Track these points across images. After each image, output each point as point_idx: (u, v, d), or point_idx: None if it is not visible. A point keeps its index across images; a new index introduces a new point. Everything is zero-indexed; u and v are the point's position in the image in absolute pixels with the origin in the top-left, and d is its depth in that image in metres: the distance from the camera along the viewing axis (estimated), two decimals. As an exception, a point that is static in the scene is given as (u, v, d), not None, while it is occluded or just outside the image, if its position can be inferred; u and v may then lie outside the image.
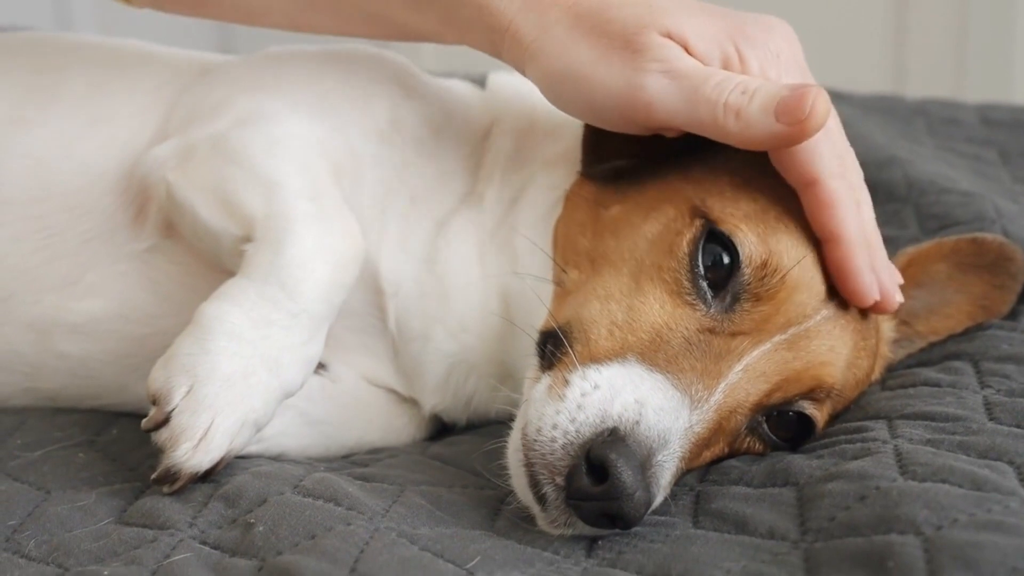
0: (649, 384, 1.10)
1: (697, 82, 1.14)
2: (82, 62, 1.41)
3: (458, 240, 1.31)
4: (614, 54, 1.17)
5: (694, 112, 1.15)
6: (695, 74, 1.15)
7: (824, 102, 1.12)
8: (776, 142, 1.14)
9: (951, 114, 2.16)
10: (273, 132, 1.26)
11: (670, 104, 1.15)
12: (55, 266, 1.30)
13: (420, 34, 1.31)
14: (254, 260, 1.18)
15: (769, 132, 1.13)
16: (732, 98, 1.13)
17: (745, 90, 1.13)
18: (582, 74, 1.18)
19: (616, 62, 1.17)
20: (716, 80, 1.14)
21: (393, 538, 1.05)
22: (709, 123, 1.15)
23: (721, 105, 1.13)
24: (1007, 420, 1.17)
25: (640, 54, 1.16)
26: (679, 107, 1.15)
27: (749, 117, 1.13)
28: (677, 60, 1.15)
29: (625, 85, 1.16)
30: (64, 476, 1.19)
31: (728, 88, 1.14)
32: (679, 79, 1.15)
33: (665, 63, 1.15)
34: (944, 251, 1.38)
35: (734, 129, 1.14)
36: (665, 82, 1.15)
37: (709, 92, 1.14)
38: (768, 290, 1.17)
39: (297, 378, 1.17)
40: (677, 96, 1.15)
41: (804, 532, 1.04)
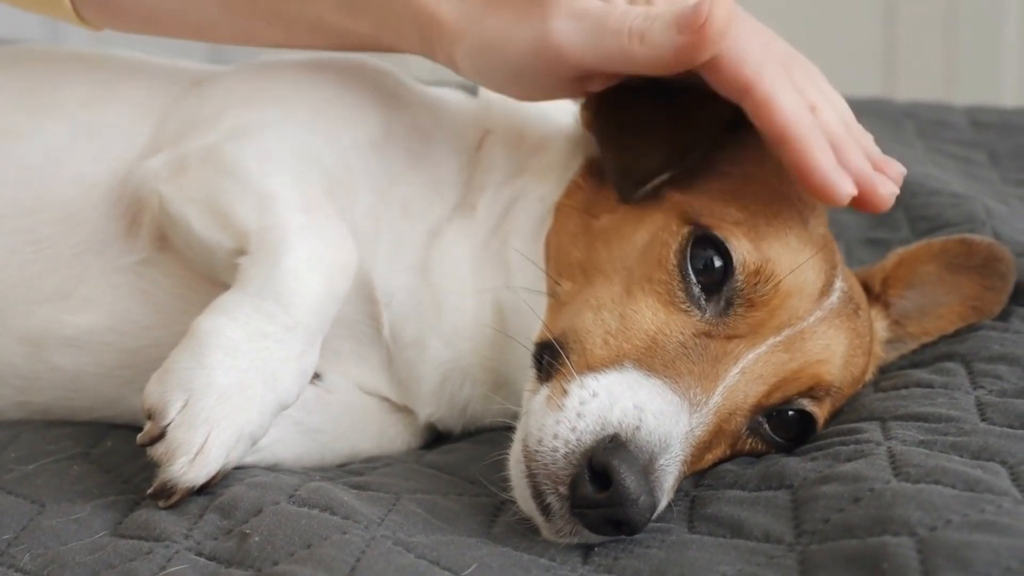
0: (647, 389, 1.11)
1: (600, 16, 1.16)
2: (74, 74, 1.41)
3: (451, 250, 1.31)
4: (522, 14, 1.19)
5: (601, 46, 1.16)
6: (597, 10, 1.17)
7: (722, 6, 1.11)
8: (684, 57, 1.14)
9: (940, 116, 2.16)
10: (266, 144, 1.26)
11: (578, 44, 1.17)
12: (48, 279, 1.29)
13: (360, 40, 1.32)
14: (248, 273, 1.18)
15: (673, 48, 1.13)
16: (635, 23, 1.15)
17: (647, 15, 1.15)
18: (497, 40, 1.20)
19: (524, 20, 1.18)
20: (619, 11, 1.16)
21: (389, 546, 1.05)
22: (617, 53, 1.16)
23: (625, 32, 1.15)
24: (999, 420, 1.18)
25: (543, 5, 1.17)
26: (587, 44, 1.17)
27: (653, 39, 1.14)
28: (578, 2, 1.17)
29: (534, 38, 1.18)
30: (58, 489, 1.19)
31: (631, 15, 1.15)
32: (583, 19, 1.17)
33: (567, 6, 1.17)
34: (933, 252, 1.38)
35: (640, 53, 1.15)
36: (571, 24, 1.17)
37: (612, 22, 1.15)
38: (762, 296, 1.17)
39: (293, 390, 1.17)
40: (583, 35, 1.17)
41: (799, 535, 1.04)
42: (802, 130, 1.14)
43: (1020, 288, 1.40)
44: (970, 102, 2.36)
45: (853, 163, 1.17)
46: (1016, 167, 1.95)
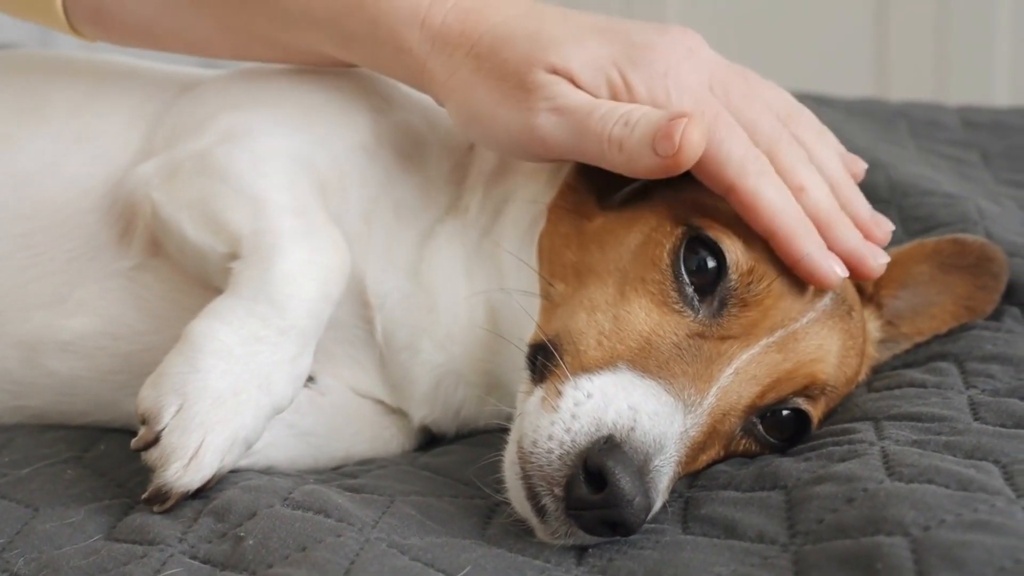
0: (642, 390, 1.11)
1: (582, 116, 1.17)
2: (66, 79, 1.41)
3: (443, 252, 1.31)
4: (509, 94, 1.20)
5: (582, 145, 1.18)
6: (580, 108, 1.18)
7: (695, 130, 1.13)
8: (661, 172, 1.16)
9: (933, 116, 2.17)
10: (258, 148, 1.26)
11: (561, 139, 1.19)
12: (42, 284, 1.29)
13: (354, 65, 1.35)
14: (242, 277, 1.18)
15: (651, 164, 1.15)
16: (615, 131, 1.16)
17: (627, 121, 1.16)
18: (485, 115, 1.22)
19: (512, 103, 1.20)
20: (600, 113, 1.17)
21: (384, 548, 1.05)
22: (597, 155, 1.18)
23: (605, 138, 1.16)
24: (992, 420, 1.18)
25: (531, 94, 1.19)
26: (569, 141, 1.18)
27: (631, 150, 1.15)
28: (563, 96, 1.18)
29: (520, 125, 1.20)
30: (52, 493, 1.19)
31: (611, 120, 1.16)
32: (566, 115, 1.18)
33: (552, 100, 1.18)
34: (926, 252, 1.39)
35: (619, 161, 1.17)
36: (554, 119, 1.18)
37: (594, 125, 1.17)
38: (755, 296, 1.17)
39: (287, 394, 1.17)
40: (566, 131, 1.18)
41: (793, 535, 1.04)
42: (787, 224, 1.17)
43: (1013, 288, 1.40)
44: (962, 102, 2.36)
45: (841, 242, 1.20)
46: (1008, 167, 1.96)
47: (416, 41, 1.25)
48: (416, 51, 1.25)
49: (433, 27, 1.24)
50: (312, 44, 1.32)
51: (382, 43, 1.27)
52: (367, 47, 1.28)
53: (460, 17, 1.24)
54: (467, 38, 1.23)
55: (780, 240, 1.17)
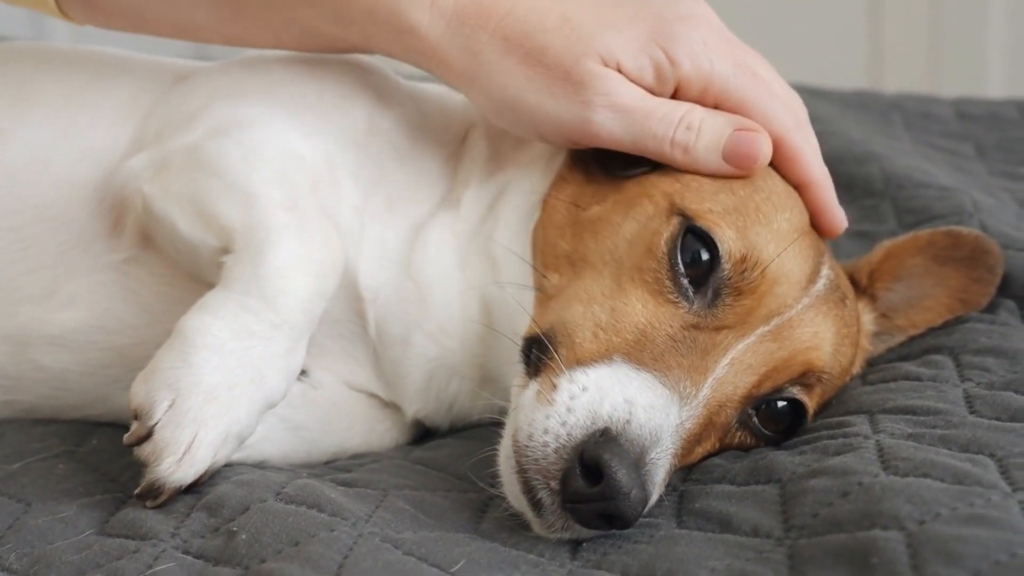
0: (637, 383, 1.11)
1: (641, 117, 1.20)
2: (57, 72, 1.40)
3: (436, 245, 1.30)
4: (556, 86, 1.21)
5: (641, 145, 1.22)
6: (639, 108, 1.20)
7: (767, 145, 1.22)
8: (723, 175, 1.22)
9: (927, 109, 2.17)
10: (249, 141, 1.26)
11: (618, 136, 1.21)
12: (32, 278, 1.29)
13: (350, 46, 1.33)
14: (234, 272, 1.17)
15: (716, 169, 1.22)
16: (679, 135, 1.21)
17: (690, 125, 1.21)
18: (527, 105, 1.23)
19: (560, 94, 1.21)
20: (659, 115, 1.20)
21: (377, 543, 1.05)
22: (656, 155, 1.22)
23: (668, 142, 1.21)
24: (987, 413, 1.18)
25: (583, 87, 1.20)
26: (626, 140, 1.22)
27: (696, 155, 1.21)
28: (619, 94, 1.20)
29: (573, 119, 1.21)
30: (44, 488, 1.18)
31: (673, 124, 1.20)
32: (624, 113, 1.20)
33: (608, 97, 1.20)
34: (920, 244, 1.38)
35: (682, 162, 1.22)
36: (611, 116, 1.20)
37: (655, 128, 1.21)
38: (749, 284, 1.17)
39: (280, 388, 1.17)
40: (624, 130, 1.21)
41: (788, 529, 1.04)
42: (822, 175, 1.28)
43: (1008, 280, 1.40)
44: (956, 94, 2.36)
45: None
46: (1002, 159, 1.96)
47: (425, 22, 1.24)
48: (425, 32, 1.24)
49: (446, 8, 1.23)
50: (306, 23, 1.30)
51: (381, 23, 1.26)
52: (365, 26, 1.27)
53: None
54: (487, 19, 1.23)
55: (817, 189, 1.27)
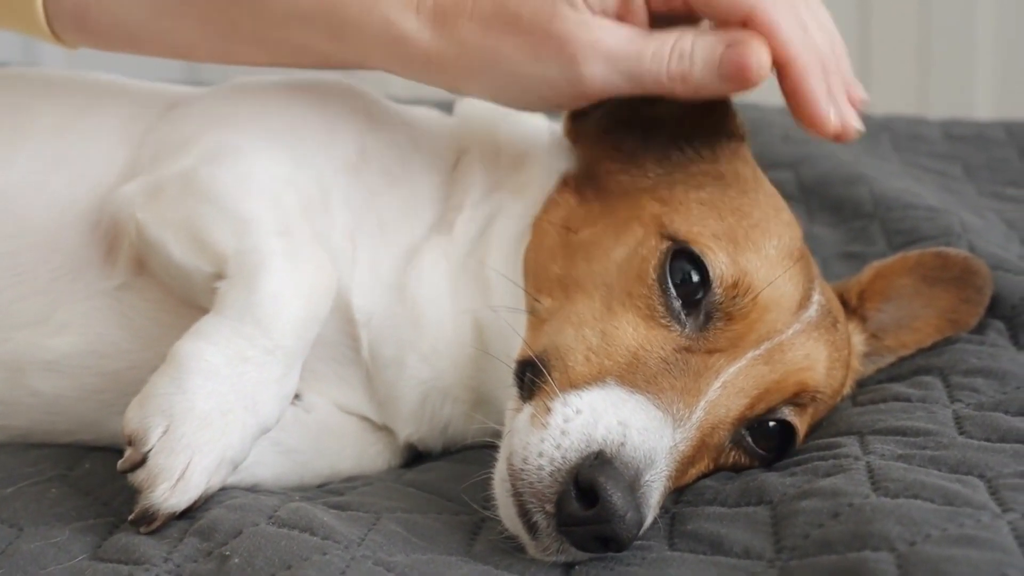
0: (631, 405, 1.11)
1: (634, 59, 1.18)
2: (50, 98, 1.40)
3: (429, 269, 1.31)
4: (541, 49, 1.20)
5: (640, 86, 1.20)
6: (629, 50, 1.18)
7: (765, 54, 1.15)
8: (725, 92, 1.20)
9: (916, 130, 2.18)
10: (242, 167, 1.26)
11: (613, 84, 1.20)
12: (27, 303, 1.29)
13: (346, 63, 1.33)
14: (227, 297, 1.17)
15: (720, 90, 1.18)
16: (673, 66, 1.18)
17: (682, 53, 1.17)
18: (521, 77, 1.22)
19: (548, 56, 1.20)
20: (651, 52, 1.18)
21: (370, 566, 1.04)
22: (654, 90, 1.20)
23: (665, 75, 1.18)
24: (976, 434, 1.18)
25: (566, 43, 1.19)
26: (622, 84, 1.20)
27: (695, 80, 1.18)
28: (604, 41, 1.18)
29: (566, 79, 1.20)
30: (37, 512, 1.18)
31: (665, 58, 1.18)
32: (615, 60, 1.19)
33: (594, 47, 1.18)
34: (909, 265, 1.39)
35: (683, 92, 1.19)
36: (603, 66, 1.19)
37: (648, 66, 1.18)
38: (740, 310, 1.18)
39: (274, 413, 1.17)
40: (618, 76, 1.19)
41: (779, 550, 1.05)
42: (802, 57, 1.18)
43: (996, 301, 1.41)
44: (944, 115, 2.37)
45: (835, 94, 1.20)
46: (990, 179, 1.97)
47: (414, 29, 1.24)
48: (416, 39, 1.24)
49: (427, 7, 1.23)
50: (301, 41, 1.30)
51: (375, 35, 1.26)
52: (359, 39, 1.27)
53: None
54: (463, 5, 1.22)
55: (793, 74, 1.18)
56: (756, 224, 1.22)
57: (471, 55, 1.23)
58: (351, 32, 1.27)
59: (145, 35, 1.37)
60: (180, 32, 1.34)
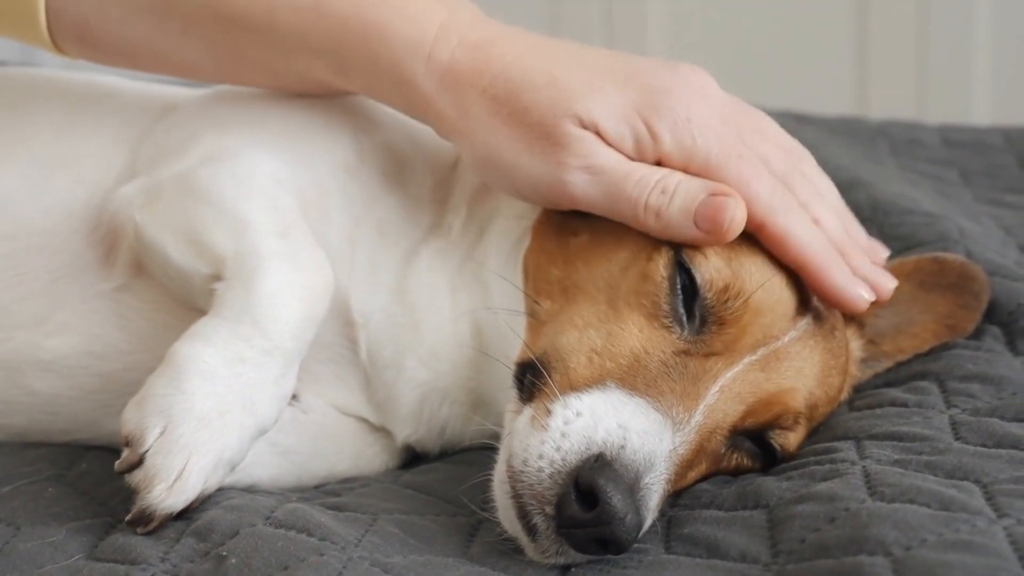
0: (631, 408, 1.11)
1: (617, 180, 1.19)
2: (49, 100, 1.40)
3: (427, 271, 1.31)
4: (535, 145, 1.21)
5: (616, 208, 1.20)
6: (615, 171, 1.19)
7: (741, 211, 1.17)
8: (697, 243, 1.19)
9: (913, 135, 2.18)
10: (240, 169, 1.26)
11: (593, 199, 1.20)
12: (25, 304, 1.29)
13: (350, 92, 1.35)
14: (225, 299, 1.17)
15: (689, 235, 1.18)
16: (652, 199, 1.18)
17: (664, 189, 1.18)
18: (506, 163, 1.22)
19: (538, 154, 1.21)
20: (635, 179, 1.19)
21: (367, 567, 1.04)
22: (630, 219, 1.20)
23: (642, 205, 1.18)
24: (973, 440, 1.18)
25: (560, 149, 1.20)
26: (601, 202, 1.20)
27: (669, 219, 1.18)
28: (595, 156, 1.19)
29: (549, 179, 1.20)
30: (33, 511, 1.18)
31: (648, 188, 1.18)
32: (599, 175, 1.19)
33: (585, 159, 1.19)
34: (906, 270, 1.39)
35: (655, 227, 1.19)
36: (587, 178, 1.19)
37: (630, 191, 1.19)
38: (732, 314, 1.18)
39: (271, 415, 1.17)
40: (599, 192, 1.20)
41: (775, 554, 1.05)
42: (819, 257, 1.21)
43: (993, 307, 1.41)
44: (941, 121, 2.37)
45: (858, 269, 1.24)
46: (988, 185, 1.96)
47: (421, 75, 1.25)
48: (420, 85, 1.25)
49: (441, 63, 1.24)
50: (307, 71, 1.31)
51: (382, 75, 1.27)
52: (366, 77, 1.28)
53: (469, 54, 1.24)
54: (479, 77, 1.23)
55: (812, 272, 1.21)
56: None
57: (469, 125, 1.24)
58: (360, 67, 1.28)
59: (146, 53, 1.37)
60: (183, 53, 1.35)
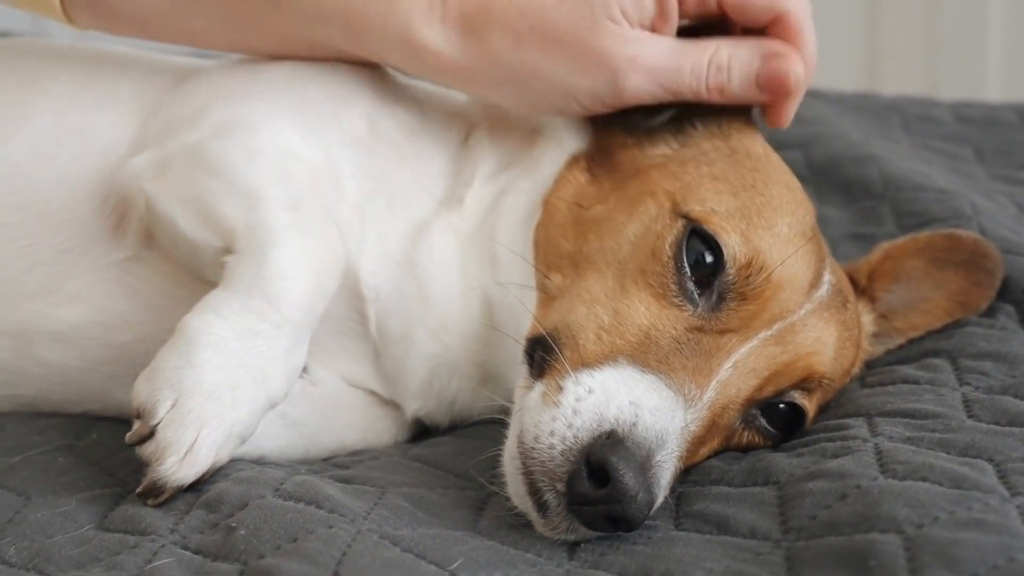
0: (643, 385, 1.11)
1: (673, 73, 1.23)
2: (60, 70, 1.40)
3: (438, 244, 1.31)
4: (581, 61, 1.23)
5: (680, 96, 1.24)
6: (668, 65, 1.22)
7: (801, 66, 1.23)
8: (761, 102, 1.25)
9: (926, 112, 2.17)
10: (251, 141, 1.26)
11: (653, 94, 1.24)
12: (35, 274, 1.29)
13: (363, 60, 1.35)
14: (236, 271, 1.17)
15: (755, 98, 1.25)
16: (711, 81, 1.23)
17: (719, 66, 1.23)
18: (558, 88, 1.24)
19: (588, 69, 1.23)
20: (689, 67, 1.23)
21: (375, 540, 1.05)
22: (694, 100, 1.25)
23: (703, 87, 1.23)
24: (985, 417, 1.18)
25: (607, 56, 1.22)
26: (665, 96, 1.24)
27: (733, 92, 1.24)
28: (644, 55, 1.22)
29: (607, 89, 1.23)
30: (44, 481, 1.18)
31: (702, 72, 1.23)
32: (654, 72, 1.22)
33: (635, 60, 1.22)
34: (919, 246, 1.39)
35: (720, 101, 1.24)
36: (643, 78, 1.22)
37: (687, 80, 1.23)
38: (754, 289, 1.18)
39: (282, 387, 1.17)
40: (660, 88, 1.23)
41: (786, 531, 1.05)
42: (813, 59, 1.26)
43: (1006, 284, 1.40)
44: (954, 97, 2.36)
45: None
46: (1001, 162, 1.96)
47: (438, 39, 1.25)
48: (437, 49, 1.26)
49: (451, 16, 1.24)
50: (319, 38, 1.31)
51: (395, 40, 1.27)
52: (377, 42, 1.28)
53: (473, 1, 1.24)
54: (490, 15, 1.24)
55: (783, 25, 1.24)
56: (769, 201, 1.22)
57: (503, 68, 1.25)
58: (369, 36, 1.28)
59: (159, 22, 1.37)
60: (195, 20, 1.35)
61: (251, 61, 1.40)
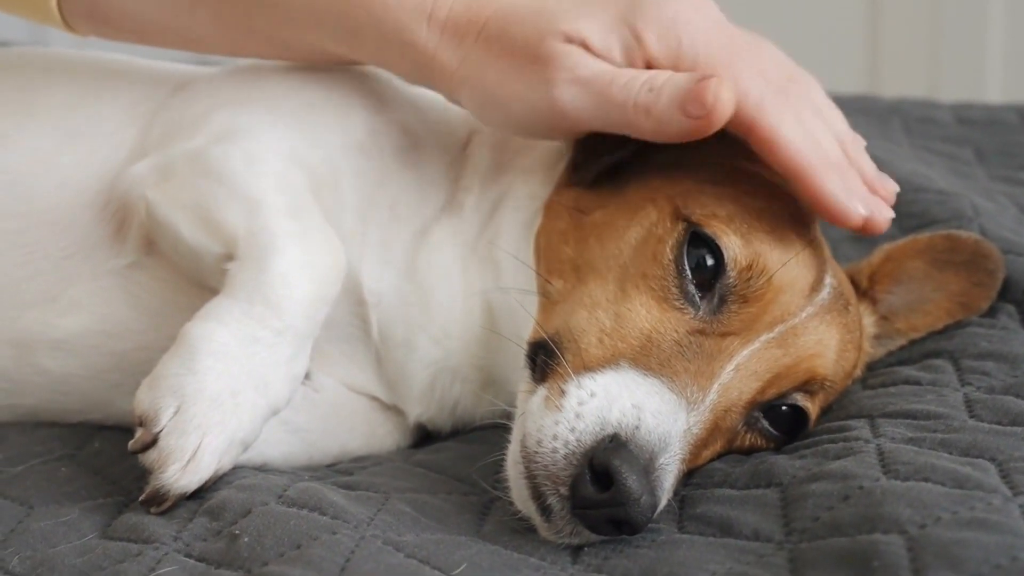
0: (645, 388, 1.11)
1: (604, 85, 1.17)
2: (59, 77, 1.40)
3: (439, 250, 1.31)
4: (525, 70, 1.20)
5: (607, 115, 1.18)
6: (601, 77, 1.17)
7: (725, 89, 1.13)
8: (691, 135, 1.15)
9: (926, 113, 2.17)
10: (252, 148, 1.26)
11: (584, 110, 1.18)
12: (36, 282, 1.29)
13: (358, 62, 1.35)
14: (237, 278, 1.17)
15: (680, 127, 1.14)
16: (641, 97, 1.15)
17: (652, 87, 1.15)
18: (501, 95, 1.21)
19: (529, 78, 1.19)
20: (623, 81, 1.16)
21: (379, 546, 1.05)
22: (623, 124, 1.17)
23: (631, 106, 1.16)
24: (987, 417, 1.18)
25: (547, 65, 1.18)
26: (592, 112, 1.18)
27: (660, 114, 1.14)
28: (581, 67, 1.17)
29: (540, 99, 1.19)
30: (47, 491, 1.18)
31: (635, 87, 1.16)
32: (587, 85, 1.17)
33: (571, 72, 1.17)
34: (919, 247, 1.39)
35: (648, 127, 1.16)
36: (575, 90, 1.18)
37: (617, 93, 1.16)
38: (755, 292, 1.17)
39: (284, 394, 1.17)
40: (588, 102, 1.17)
41: (788, 533, 1.05)
42: (811, 161, 1.16)
43: (1008, 285, 1.40)
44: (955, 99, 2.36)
45: (854, 188, 1.19)
46: (1002, 164, 1.96)
47: (424, 36, 1.24)
48: (424, 46, 1.25)
49: (440, 19, 1.24)
50: (314, 41, 1.31)
51: (388, 40, 1.26)
52: (372, 44, 1.28)
53: (466, 4, 1.24)
54: (474, 24, 1.23)
55: (804, 180, 1.16)
56: (770, 204, 1.22)
57: (468, 71, 1.23)
58: (363, 37, 1.28)
59: (156, 27, 1.37)
60: (193, 26, 1.35)
61: (252, 67, 1.40)
